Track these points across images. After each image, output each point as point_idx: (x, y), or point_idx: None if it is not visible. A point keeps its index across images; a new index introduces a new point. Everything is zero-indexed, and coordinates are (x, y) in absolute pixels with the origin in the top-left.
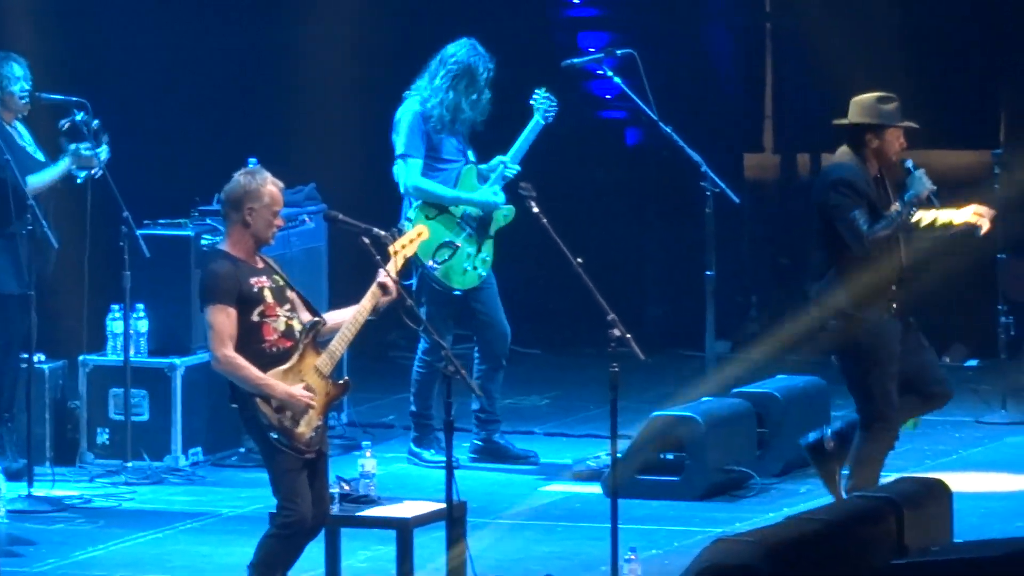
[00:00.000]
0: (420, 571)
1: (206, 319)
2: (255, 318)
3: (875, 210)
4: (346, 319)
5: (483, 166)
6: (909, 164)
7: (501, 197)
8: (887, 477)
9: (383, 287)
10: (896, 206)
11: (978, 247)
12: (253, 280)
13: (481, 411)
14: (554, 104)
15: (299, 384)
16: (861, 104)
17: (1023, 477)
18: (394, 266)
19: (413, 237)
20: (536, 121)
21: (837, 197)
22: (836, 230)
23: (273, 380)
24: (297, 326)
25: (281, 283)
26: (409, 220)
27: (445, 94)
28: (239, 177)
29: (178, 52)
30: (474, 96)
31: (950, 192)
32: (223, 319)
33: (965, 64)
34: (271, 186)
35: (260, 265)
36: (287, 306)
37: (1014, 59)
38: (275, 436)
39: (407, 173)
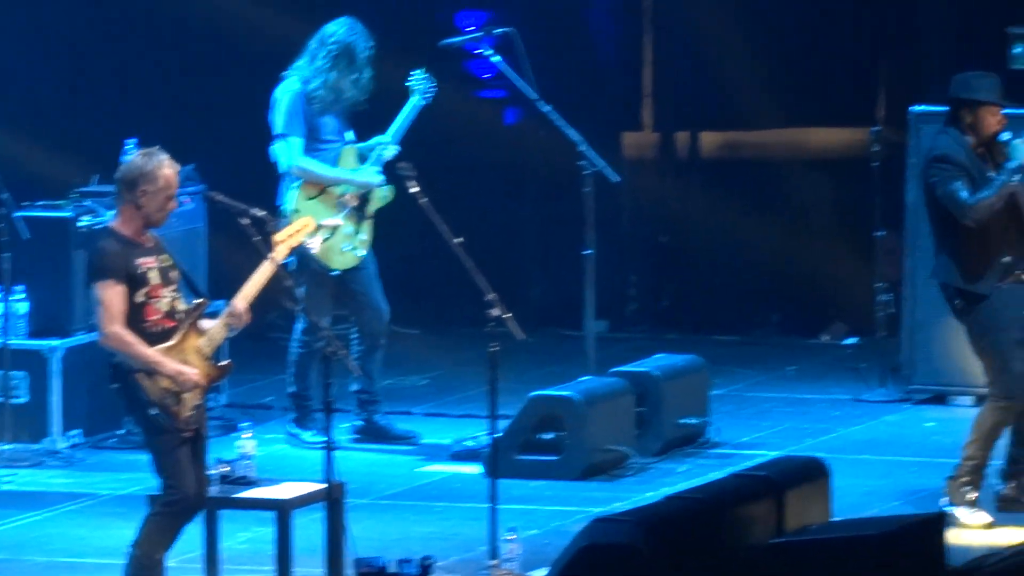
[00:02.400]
0: (299, 552)
1: (94, 296)
2: (139, 298)
3: (977, 183)
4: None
5: (362, 146)
6: (1005, 136)
7: (380, 177)
8: (766, 456)
9: (232, 315)
10: (998, 175)
11: (856, 224)
12: (140, 260)
13: (362, 391)
14: (433, 84)
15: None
16: (959, 79)
17: (901, 456)
18: (279, 255)
19: (299, 228)
20: (415, 101)
21: (936, 172)
22: (943, 208)
23: (162, 356)
24: (181, 307)
25: (168, 263)
26: (290, 209)
27: (327, 74)
28: (136, 158)
29: (55, 30)
30: (355, 75)
31: (829, 169)
32: (112, 296)
33: (843, 41)
34: (167, 169)
35: (149, 244)
36: (172, 287)
37: (892, 36)
38: (155, 412)
39: (288, 152)
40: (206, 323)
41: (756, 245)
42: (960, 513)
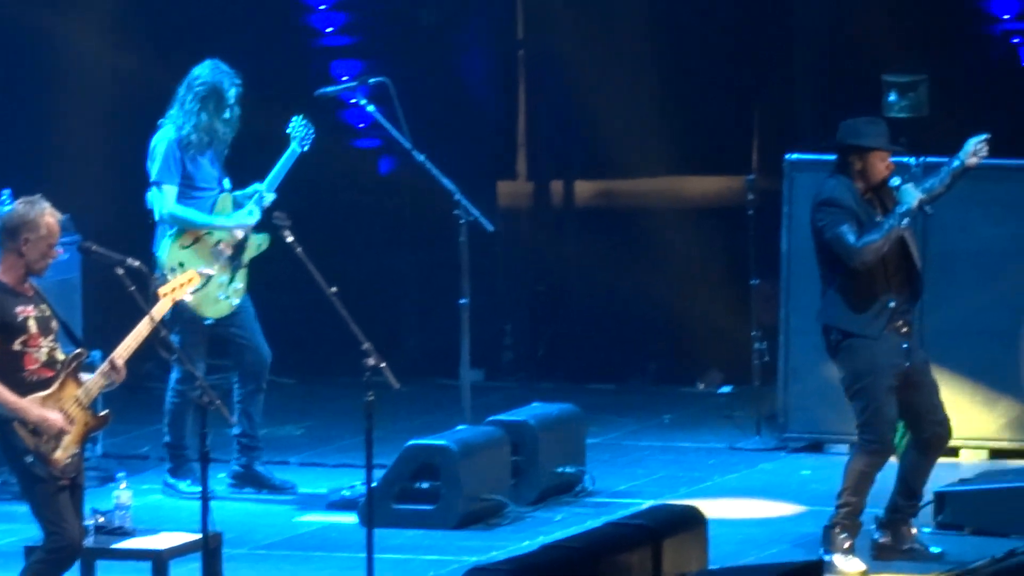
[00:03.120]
0: None
1: None
2: (17, 347)
3: (864, 227)
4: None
5: (239, 193)
6: (894, 182)
7: (256, 217)
8: (642, 504)
9: (112, 369)
10: (886, 218)
11: (731, 272)
12: (19, 309)
13: (243, 435)
14: (311, 132)
15: (57, 412)
16: (847, 126)
17: (777, 503)
18: (161, 308)
19: (184, 282)
20: (292, 149)
21: (823, 216)
22: (830, 250)
23: (28, 403)
24: (59, 356)
25: (47, 313)
26: (164, 257)
27: (197, 117)
28: (18, 206)
29: None
30: (226, 114)
31: (704, 217)
32: None
33: (718, 90)
34: (49, 217)
35: (29, 293)
36: (51, 336)
37: (766, 85)
38: (30, 460)
39: (162, 200)
40: (84, 375)
41: (631, 294)
42: (837, 560)
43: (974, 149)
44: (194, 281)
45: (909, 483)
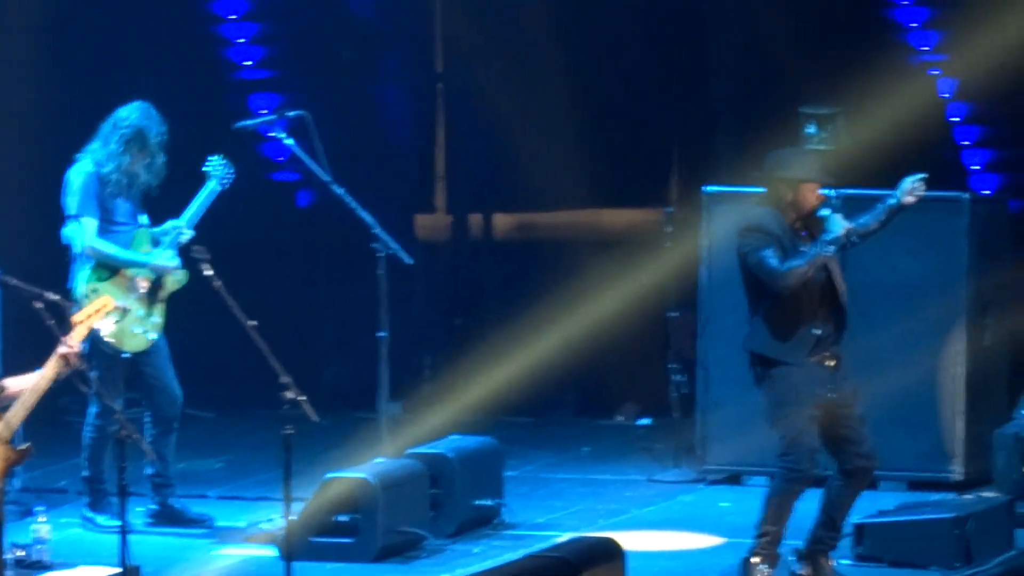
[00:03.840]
0: None
1: None
2: None
3: (789, 254)
4: (27, 386)
5: (156, 230)
6: (824, 212)
7: (176, 261)
8: (560, 537)
9: (65, 358)
10: (812, 245)
11: (649, 305)
12: None
13: (156, 475)
14: (231, 171)
15: None
16: (776, 157)
17: (696, 535)
18: (77, 336)
19: (98, 308)
20: (211, 187)
21: (747, 241)
22: (756, 277)
23: None
24: None
25: None
26: (81, 291)
27: (120, 158)
28: None
29: None
30: (148, 160)
31: (622, 250)
32: None
33: (636, 123)
34: None
35: None
36: None
37: (684, 117)
38: None
39: (81, 234)
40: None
41: (550, 326)
42: None
43: (911, 187)
44: (108, 307)
45: (831, 514)
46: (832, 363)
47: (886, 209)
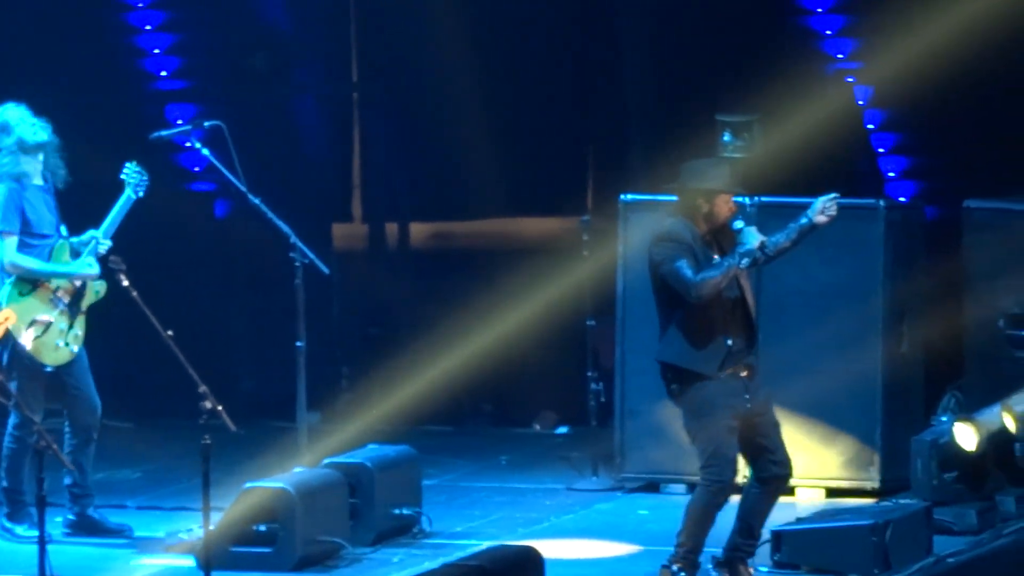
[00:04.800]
0: None
1: None
2: None
3: (701, 265)
4: None
5: (75, 240)
6: (736, 225)
7: (96, 268)
8: (479, 545)
9: None
10: (725, 257)
11: (567, 313)
12: None
13: (74, 485)
14: (145, 178)
15: None
16: (690, 167)
17: (614, 544)
18: None
19: (0, 321)
20: (128, 196)
21: (659, 251)
22: (669, 288)
23: None
24: None
25: None
26: (2, 305)
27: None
28: None
29: None
30: (41, 160)
31: (540, 258)
32: None
33: (552, 132)
34: None
35: None
36: None
37: (600, 126)
38: None
39: (2, 249)
40: None
41: (467, 335)
42: None
43: (823, 207)
44: (11, 320)
45: (748, 522)
46: (745, 373)
47: (797, 228)
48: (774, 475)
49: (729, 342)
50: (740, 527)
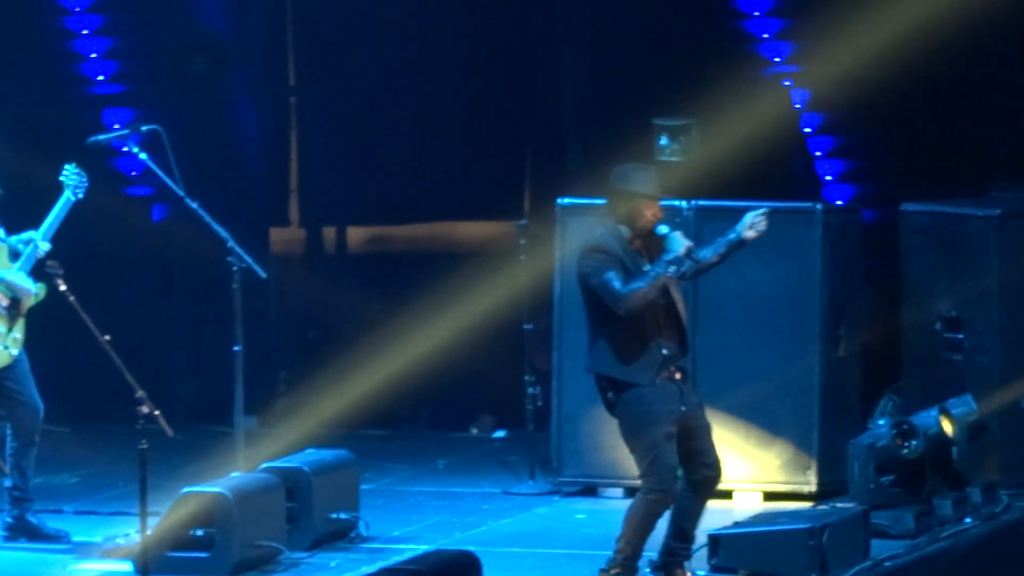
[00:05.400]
0: None
1: None
2: None
3: (631, 274)
4: None
5: (14, 240)
6: (661, 230)
7: (30, 283)
8: (417, 549)
9: None
10: (653, 266)
11: (504, 317)
12: None
13: (15, 488)
14: (84, 179)
15: None
16: (618, 171)
17: (551, 548)
18: None
19: None
20: (67, 198)
21: (588, 263)
22: (599, 299)
23: None
24: None
25: None
26: None
27: None
28: None
29: None
30: None
31: (477, 262)
32: None
33: (490, 136)
34: None
35: None
36: None
37: (538, 130)
38: None
39: None
40: None
41: (405, 339)
42: None
43: (751, 222)
44: None
45: (681, 525)
46: (679, 376)
47: (726, 243)
48: (704, 477)
49: (664, 351)
50: (673, 531)
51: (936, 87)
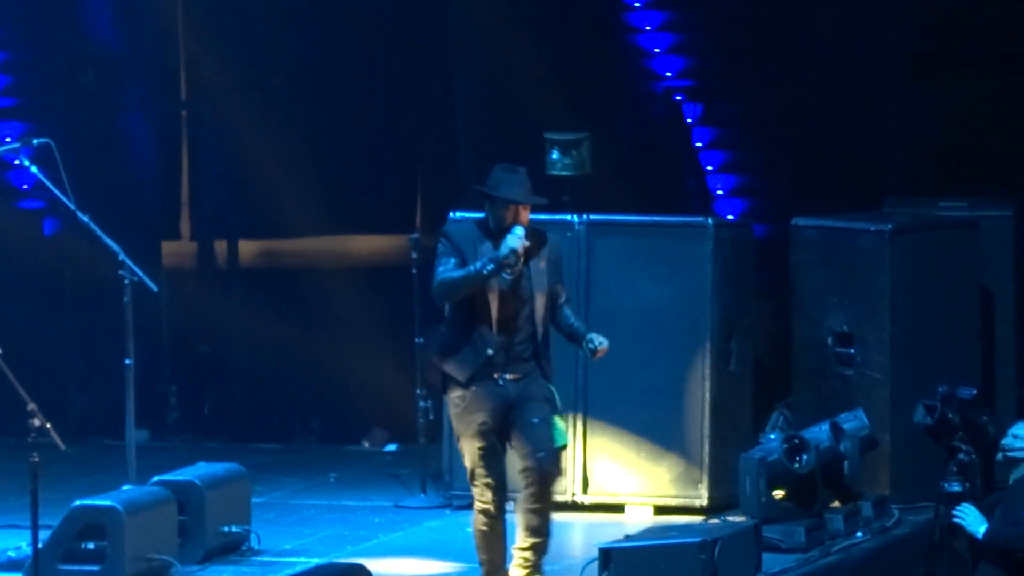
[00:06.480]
0: None
1: None
2: None
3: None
4: None
5: None
6: (516, 231)
7: None
8: (309, 563)
9: None
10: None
11: (396, 331)
12: None
13: None
14: None
15: None
16: (492, 173)
17: (443, 562)
18: None
19: None
20: None
21: (438, 246)
22: None
23: None
24: None
25: None
26: None
27: None
28: None
29: None
30: None
31: (369, 276)
32: None
33: (380, 149)
34: None
35: None
36: None
37: (429, 143)
38: None
39: None
40: None
41: (296, 353)
42: None
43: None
44: None
45: (519, 526)
46: (511, 377)
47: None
48: (526, 468)
49: (489, 350)
50: (516, 535)
51: (825, 102)
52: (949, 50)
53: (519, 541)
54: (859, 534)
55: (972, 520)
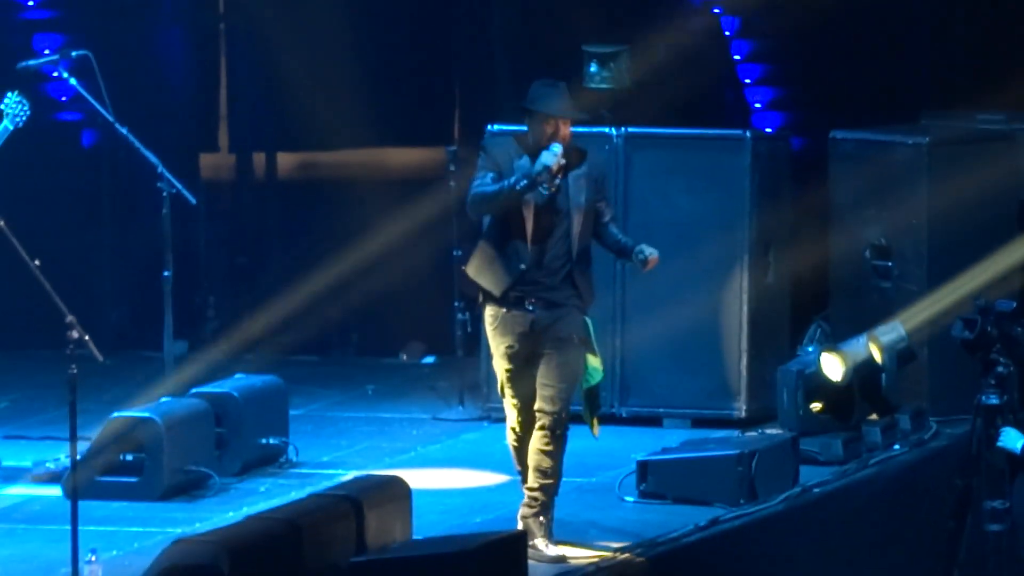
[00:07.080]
0: None
1: None
2: None
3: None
4: None
5: None
6: (554, 148)
7: None
8: (346, 475)
9: None
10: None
11: (434, 244)
12: None
13: None
14: (26, 109)
15: None
16: (532, 88)
17: (481, 473)
18: None
19: None
20: (4, 126)
21: (477, 160)
22: None
23: None
24: None
25: None
26: None
27: None
28: None
29: None
30: None
31: (406, 189)
32: None
33: (418, 62)
34: None
35: None
36: None
37: (466, 56)
38: None
39: None
40: None
41: (334, 265)
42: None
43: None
44: None
45: (525, 465)
46: (544, 303)
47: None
48: (540, 408)
49: (523, 266)
50: (522, 477)
51: (866, 14)
52: None
53: (529, 481)
54: (896, 447)
55: (1010, 437)
